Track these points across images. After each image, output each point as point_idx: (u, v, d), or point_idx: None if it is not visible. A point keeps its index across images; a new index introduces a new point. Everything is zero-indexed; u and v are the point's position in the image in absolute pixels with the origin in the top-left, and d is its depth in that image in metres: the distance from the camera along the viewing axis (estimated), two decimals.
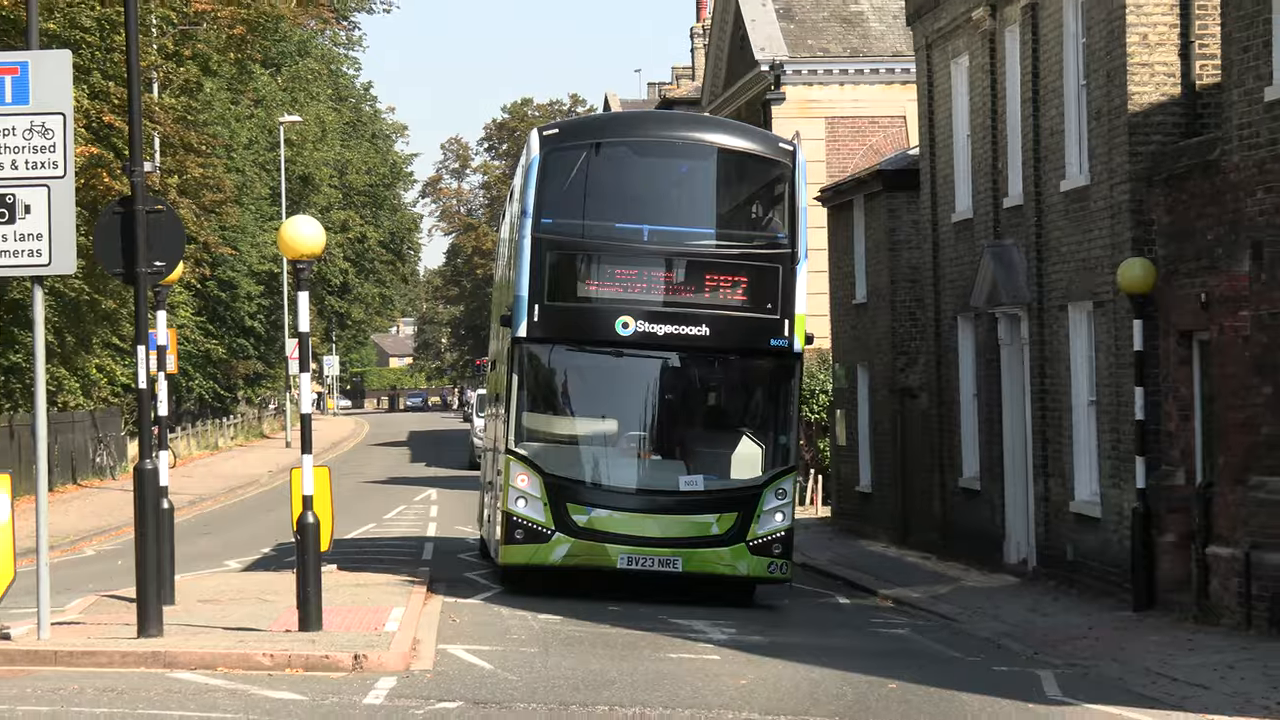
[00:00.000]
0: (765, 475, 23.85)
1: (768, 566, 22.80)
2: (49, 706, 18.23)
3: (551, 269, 23.22)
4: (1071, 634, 26.18)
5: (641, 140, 24.94)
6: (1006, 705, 19.47)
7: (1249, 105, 26.37)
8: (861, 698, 19.88)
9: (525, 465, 22.72)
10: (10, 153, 21.82)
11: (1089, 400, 33.06)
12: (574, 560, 22.55)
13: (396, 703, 18.73)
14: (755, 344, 24.02)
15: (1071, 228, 33.40)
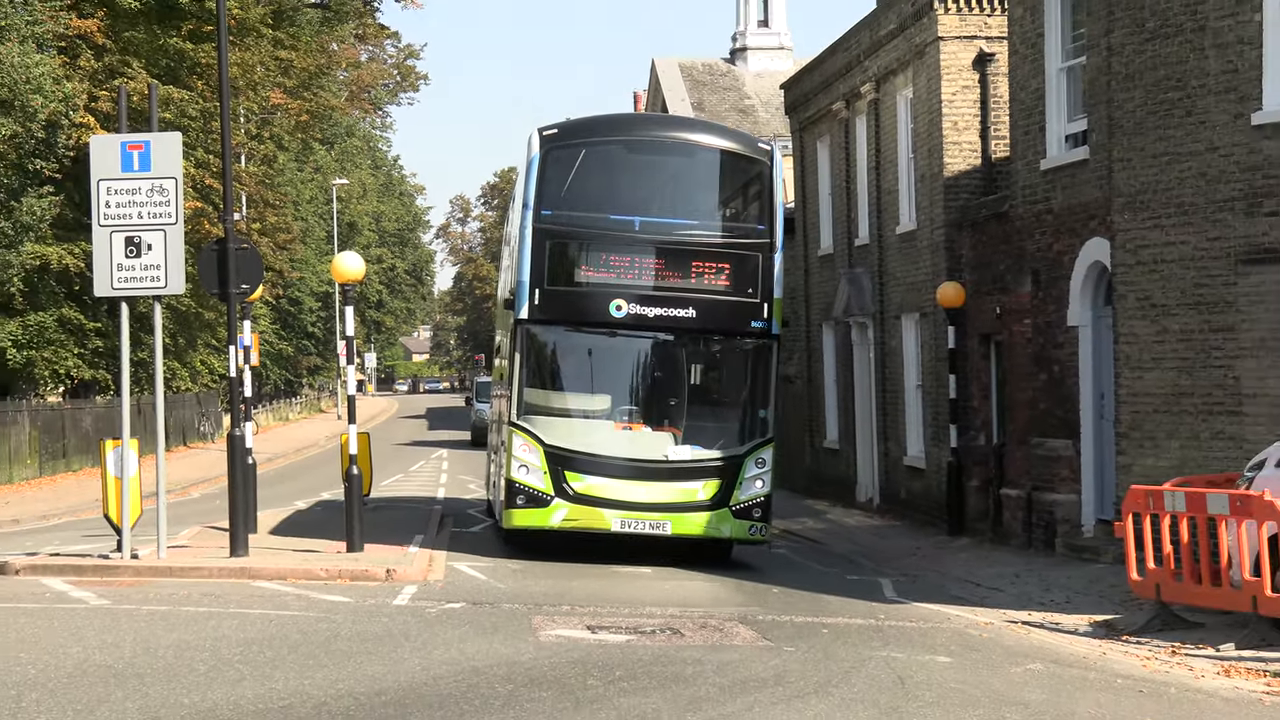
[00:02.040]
0: (746, 446, 21.14)
1: (748, 529, 20.67)
2: (166, 606, 18.28)
3: (550, 256, 20.87)
4: (904, 552, 26.32)
5: (633, 139, 22.17)
6: (858, 603, 19.64)
7: (1029, 172, 26.46)
8: (753, 597, 20.14)
9: (527, 436, 20.50)
10: (138, 206, 21.90)
11: (916, 384, 33.29)
12: (571, 524, 20.45)
13: (417, 603, 18.86)
14: (737, 325, 21.38)
15: (903, 260, 33.56)
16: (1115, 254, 21.28)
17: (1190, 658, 15.33)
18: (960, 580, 22.48)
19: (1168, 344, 20.11)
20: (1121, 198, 20.88)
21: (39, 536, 28.41)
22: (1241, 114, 19.10)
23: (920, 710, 12.70)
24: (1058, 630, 17.40)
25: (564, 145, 21.06)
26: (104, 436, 26.21)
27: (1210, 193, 19.52)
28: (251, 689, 13.00)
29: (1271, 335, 18.91)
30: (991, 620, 18.27)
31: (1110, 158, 21.63)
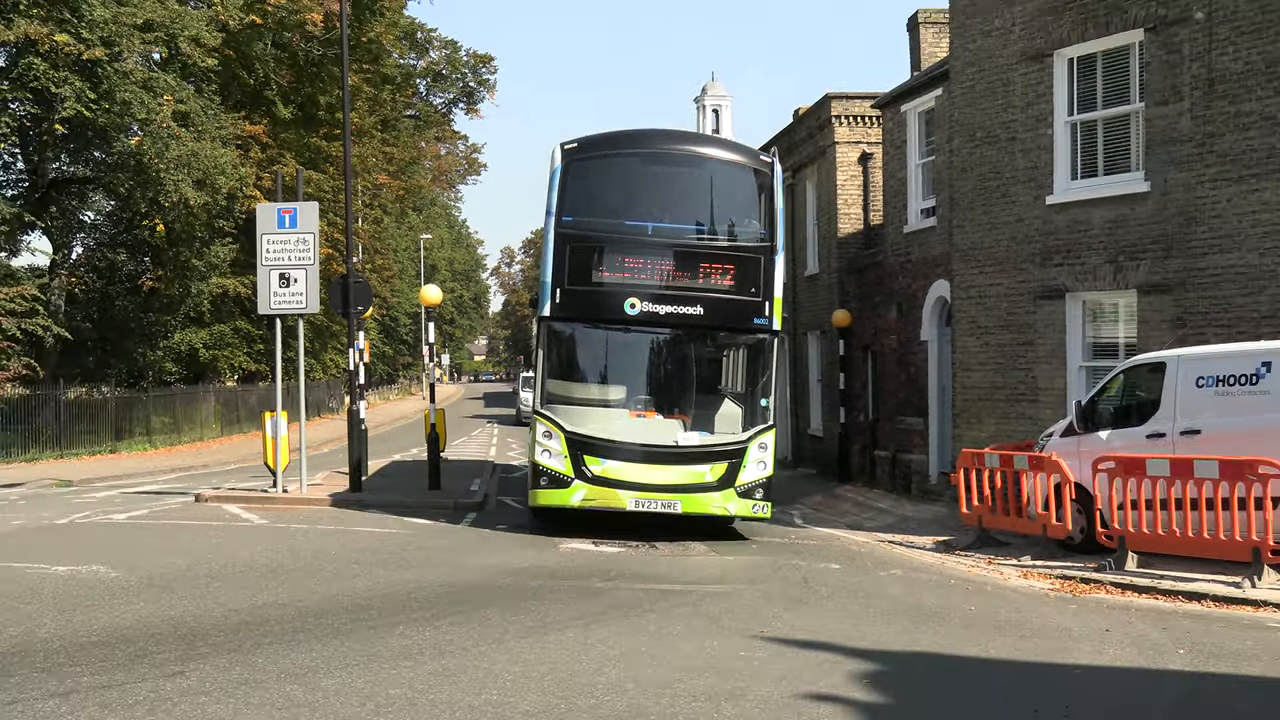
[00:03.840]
0: (750, 432, 17.72)
1: (752, 507, 17.42)
2: (305, 525, 18.29)
3: (571, 259, 17.67)
4: (809, 495, 26.27)
5: (647, 151, 18.68)
6: (777, 528, 19.60)
7: (895, 235, 26.54)
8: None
9: (549, 423, 17.35)
10: (288, 252, 22.02)
11: (818, 379, 33.25)
12: (590, 503, 17.28)
13: (477, 526, 18.91)
14: (741, 322, 17.90)
15: (810, 294, 33.57)
16: (953, 291, 21.41)
17: (1001, 566, 15.48)
18: (847, 513, 22.54)
19: (988, 353, 20.24)
20: (958, 253, 21.00)
21: (219, 477, 28.50)
22: (1039, 197, 19.22)
23: (818, 599, 12.82)
24: (912, 547, 17.54)
25: (583, 158, 17.93)
26: (264, 410, 26.29)
27: (1017, 250, 19.64)
28: (364, 582, 13.14)
29: (1056, 349, 19.05)
30: (867, 540, 18.42)
31: (950, 225, 21.76)
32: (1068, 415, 16.78)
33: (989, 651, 10.17)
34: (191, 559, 14.89)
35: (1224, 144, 16.75)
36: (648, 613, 11.67)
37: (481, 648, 9.72)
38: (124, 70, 34.16)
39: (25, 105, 34.35)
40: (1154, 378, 15.33)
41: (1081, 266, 18.72)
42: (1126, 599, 13.16)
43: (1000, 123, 19.96)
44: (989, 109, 20.20)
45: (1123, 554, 14.45)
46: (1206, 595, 12.93)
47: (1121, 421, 15.57)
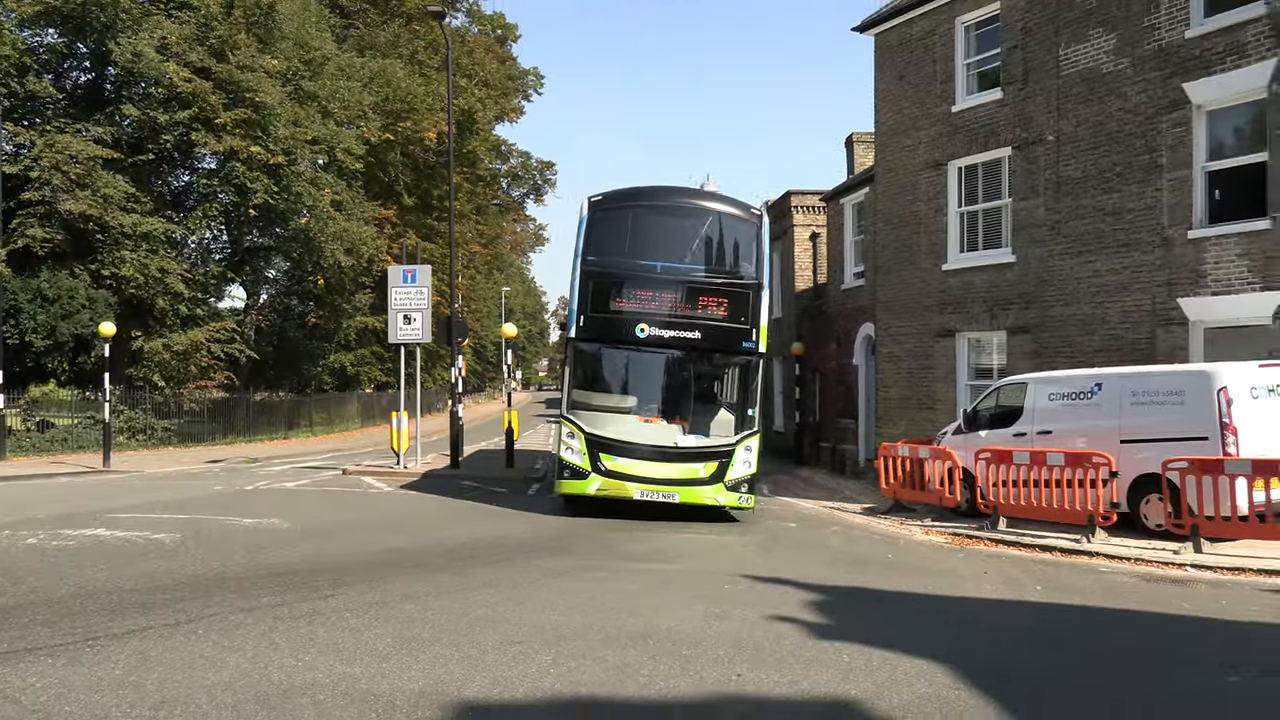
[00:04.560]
0: (738, 436, 15.75)
1: (738, 499, 15.59)
2: (419, 492, 18.09)
3: (594, 291, 15.82)
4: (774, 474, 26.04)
5: (659, 204, 16.78)
6: None
7: (836, 290, 26.42)
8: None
9: (572, 425, 15.57)
10: (409, 299, 22.00)
11: (780, 391, 33.08)
12: (603, 492, 15.38)
13: (541, 494, 18.77)
14: (732, 345, 15.88)
15: (775, 331, 33.01)
16: (876, 331, 21.29)
17: (910, 526, 15.30)
18: (800, 487, 22.34)
19: (900, 375, 20.10)
20: (880, 304, 20.89)
21: (359, 456, 28.52)
22: (937, 264, 19.14)
23: (783, 548, 12.72)
24: (847, 512, 17.34)
25: (606, 208, 16.09)
26: (391, 409, 26.29)
27: (922, 302, 19.53)
28: (456, 532, 13.08)
29: (949, 372, 18.92)
30: (815, 507, 18.24)
31: (874, 285, 21.65)
32: (958, 419, 16.67)
33: (903, 586, 10.08)
34: (340, 515, 14.91)
35: (1068, 228, 16.67)
36: (657, 559, 11.61)
37: (542, 581, 9.68)
38: (297, 171, 34.42)
39: (229, 195, 34.60)
40: (1018, 393, 15.22)
41: (967, 314, 18.61)
42: (999, 550, 13.03)
43: (910, 212, 19.89)
44: (902, 202, 20.12)
45: (996, 518, 14.31)
46: (1056, 548, 12.78)
47: (996, 424, 15.43)
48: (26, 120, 31.12)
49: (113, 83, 33.02)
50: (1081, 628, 8.67)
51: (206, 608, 8.04)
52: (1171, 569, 11.47)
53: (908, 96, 19.98)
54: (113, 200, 29.80)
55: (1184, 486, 12.29)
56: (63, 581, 9.05)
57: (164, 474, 22.62)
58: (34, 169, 28.92)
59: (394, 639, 7.20)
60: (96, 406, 29.41)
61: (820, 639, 7.58)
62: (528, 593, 9.11)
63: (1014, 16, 17.73)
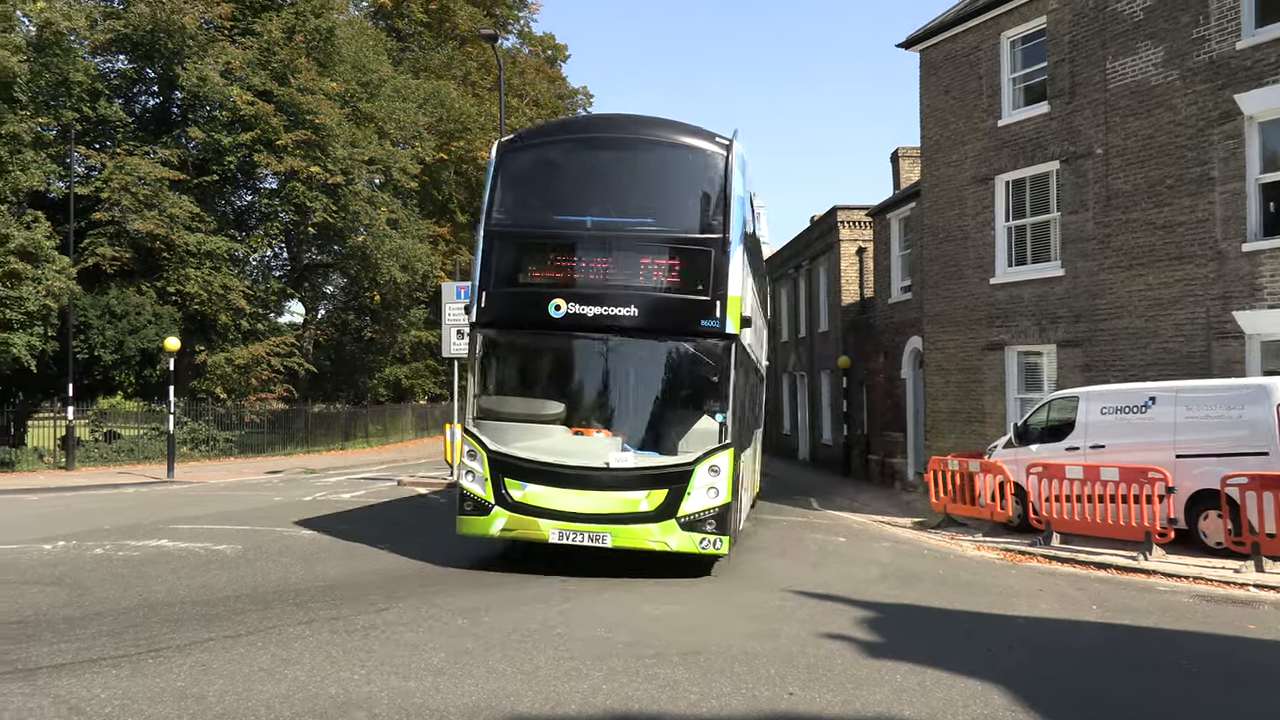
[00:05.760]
0: (698, 452, 10.78)
1: (699, 542, 10.69)
2: None
3: (498, 259, 11.24)
4: (822, 486, 25.84)
5: (583, 137, 12.12)
6: (799, 510, 19.17)
7: (883, 304, 26.12)
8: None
9: (474, 442, 10.98)
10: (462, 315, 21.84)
11: (828, 404, 32.75)
12: (510, 533, 10.85)
13: None
14: (686, 325, 10.91)
15: (822, 344, 33.09)
16: (924, 344, 20.97)
17: (961, 541, 15.00)
18: (849, 500, 22.03)
19: (949, 388, 19.77)
20: (927, 318, 20.58)
21: (414, 467, 28.63)
22: (985, 278, 18.80)
23: (832, 563, 12.50)
24: (896, 526, 17.08)
25: (518, 150, 11.68)
26: (445, 421, 26.38)
27: (969, 316, 19.20)
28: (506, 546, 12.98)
29: (998, 385, 18.55)
30: (864, 520, 17.96)
31: (921, 299, 21.35)
32: (1008, 433, 16.33)
33: (956, 603, 9.83)
34: (397, 525, 14.92)
35: (1117, 242, 16.28)
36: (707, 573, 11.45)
37: (594, 596, 9.58)
38: (355, 190, 34.84)
39: (289, 214, 35.14)
40: (1070, 407, 14.87)
41: (1016, 327, 18.25)
42: (1053, 567, 12.70)
43: (957, 226, 19.57)
44: (949, 216, 19.82)
45: (1049, 534, 13.97)
46: (1111, 565, 12.43)
47: (1047, 438, 15.08)
48: (98, 144, 31.85)
49: (179, 106, 33.71)
50: (1141, 648, 8.38)
51: (265, 620, 8.05)
52: (1233, 589, 11.08)
53: (953, 111, 19.70)
54: (178, 220, 30.37)
55: (1244, 503, 11.89)
56: (127, 592, 9.14)
57: (225, 485, 22.91)
58: (104, 190, 29.58)
59: (447, 653, 7.14)
60: (161, 418, 29.93)
61: (872, 657, 7.39)
62: (579, 604, 9.01)
63: (1060, 31, 17.42)
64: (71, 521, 14.66)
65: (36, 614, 8.16)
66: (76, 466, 26.74)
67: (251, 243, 35.04)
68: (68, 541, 12.39)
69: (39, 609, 8.35)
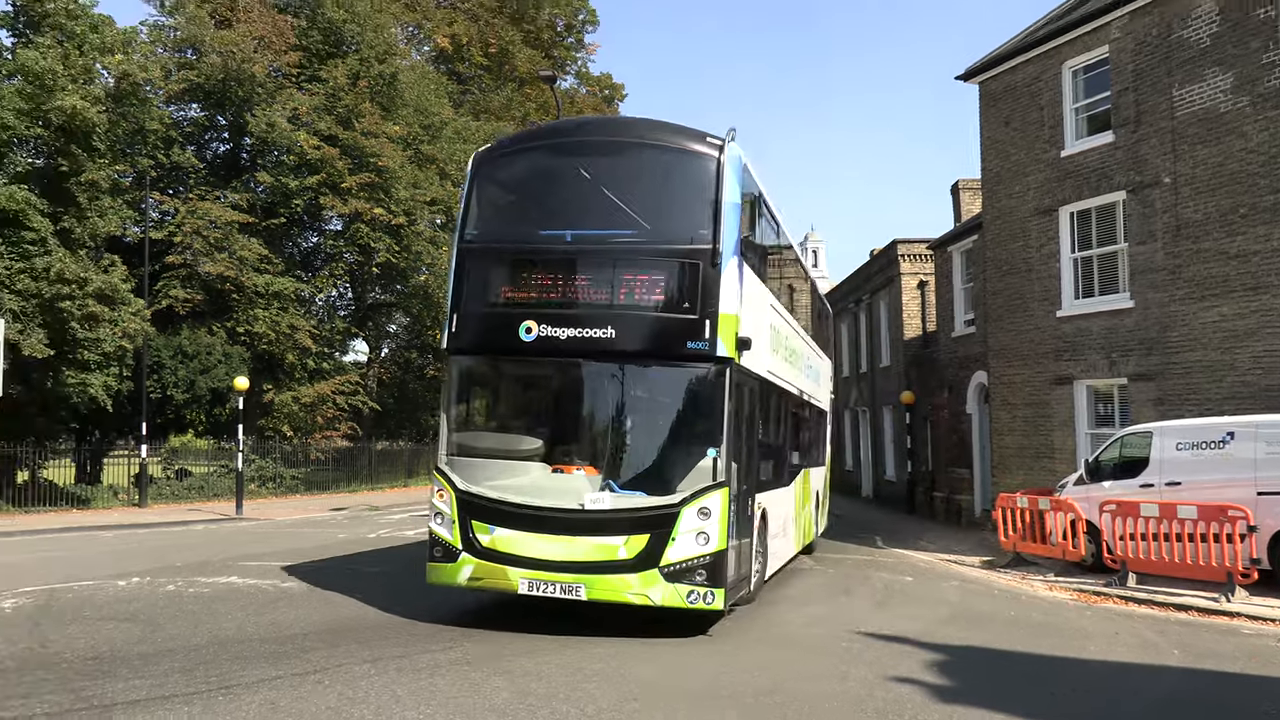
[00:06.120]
0: (685, 493, 9.21)
1: (687, 595, 9.09)
2: None
3: (469, 279, 10.13)
4: (886, 524, 25.43)
5: (558, 142, 10.75)
6: (863, 548, 18.89)
7: (946, 338, 25.77)
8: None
9: (443, 480, 9.87)
10: None
11: (891, 440, 32.37)
12: (478, 582, 9.63)
13: None
14: (670, 348, 9.51)
15: (884, 379, 32.77)
16: (989, 379, 20.61)
17: (1032, 580, 14.61)
18: (914, 538, 21.60)
19: (1016, 423, 19.38)
20: (992, 352, 20.24)
21: None
22: (1051, 311, 18.46)
23: (899, 602, 12.26)
24: (964, 565, 16.71)
25: (493, 159, 10.57)
26: None
27: (1036, 349, 18.85)
28: None
29: (1067, 420, 18.14)
30: (930, 559, 17.60)
31: (985, 332, 21.02)
32: (1078, 469, 15.95)
33: (1028, 646, 9.56)
34: None
35: (1189, 272, 15.90)
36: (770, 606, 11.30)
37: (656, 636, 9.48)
38: (417, 231, 35.44)
39: (353, 255, 35.85)
40: (1144, 442, 14.47)
41: (1084, 361, 17.86)
42: (1129, 608, 12.30)
43: (1021, 258, 19.28)
44: (1012, 249, 19.54)
45: (1125, 574, 13.54)
46: (1192, 607, 12.00)
47: (1120, 475, 14.67)
48: (171, 189, 32.91)
49: (248, 152, 34.73)
50: (1226, 695, 8.06)
51: (332, 658, 8.11)
52: None
53: (1014, 142, 19.49)
54: (247, 262, 31.17)
55: None
56: (198, 629, 9.29)
57: (292, 521, 23.25)
58: (177, 234, 30.50)
59: (511, 693, 7.12)
60: (230, 456, 30.54)
61: (943, 702, 7.22)
62: (641, 648, 8.94)
63: (1124, 59, 17.17)
64: (144, 558, 14.98)
65: (112, 650, 8.33)
66: (149, 503, 27.36)
67: (317, 283, 35.80)
68: (141, 578, 12.65)
69: (114, 645, 8.53)
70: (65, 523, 21.83)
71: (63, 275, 23.29)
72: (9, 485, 24.74)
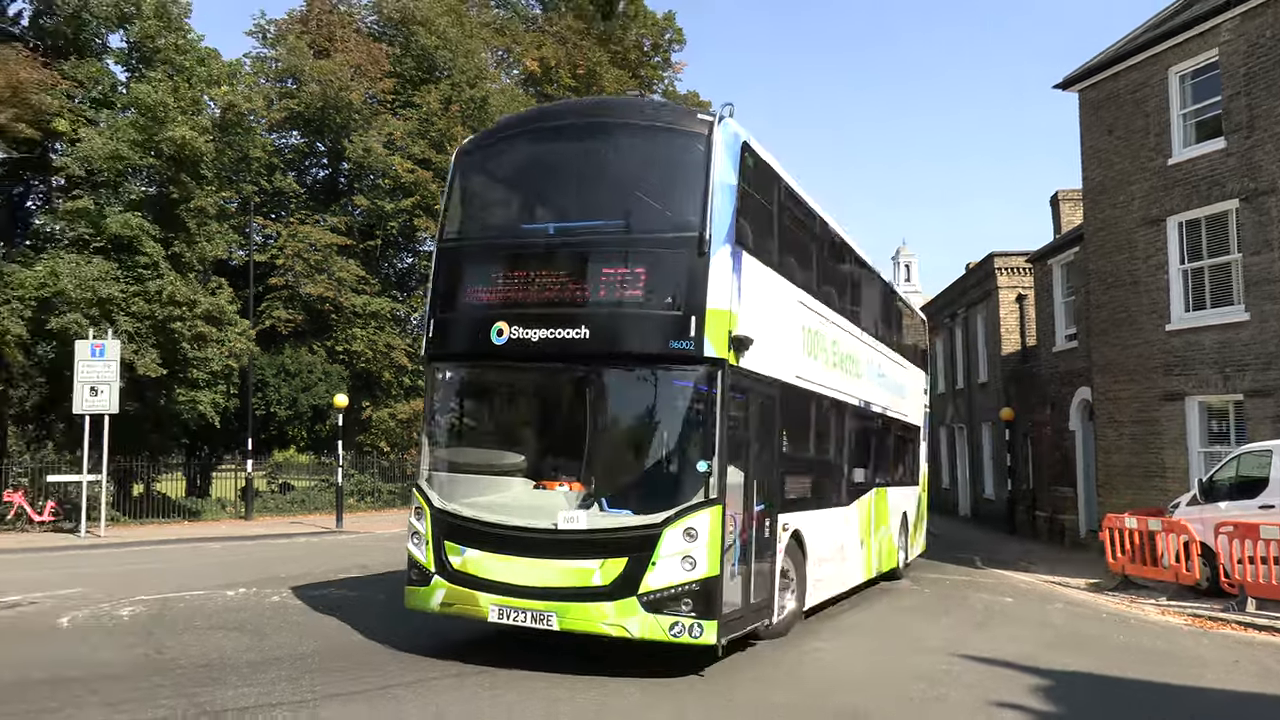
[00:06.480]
0: (668, 511, 7.82)
1: (669, 628, 7.71)
2: None
3: (447, 279, 9.28)
4: (985, 543, 24.73)
5: (533, 128, 9.69)
6: (962, 568, 18.47)
7: (1047, 353, 25.08)
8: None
9: (420, 497, 8.92)
10: None
11: (990, 457, 31.57)
12: (450, 608, 8.56)
13: None
14: (650, 347, 8.10)
15: (982, 396, 32.03)
16: (1094, 395, 19.96)
17: (1142, 605, 14.05)
18: (1015, 558, 20.90)
19: (1124, 441, 18.71)
20: (1097, 368, 19.60)
21: None
22: (1159, 325, 17.80)
23: (999, 624, 11.95)
24: (1069, 587, 16.15)
25: (473, 150, 9.69)
26: None
27: (1144, 365, 18.19)
28: None
29: (1178, 438, 17.42)
30: (1033, 580, 17.08)
31: (1089, 346, 20.38)
32: (1191, 489, 15.31)
33: (1139, 673, 9.21)
34: None
35: None
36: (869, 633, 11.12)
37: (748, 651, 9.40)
38: None
39: None
40: (1263, 461, 13.82)
41: (1196, 376, 17.17)
42: (1249, 635, 11.74)
43: (1126, 270, 18.66)
44: (1117, 261, 18.92)
45: (1244, 599, 12.94)
46: None
47: (1236, 495, 14.03)
48: (274, 214, 34.13)
49: (346, 177, 35.82)
50: None
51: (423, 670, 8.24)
52: None
53: (1118, 151, 18.91)
54: (346, 283, 32.12)
55: None
56: (303, 639, 9.55)
57: (390, 535, 23.72)
58: (279, 257, 31.62)
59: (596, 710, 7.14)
60: (330, 470, 31.38)
61: None
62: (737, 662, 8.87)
63: (1234, 63, 16.54)
64: (251, 569, 15.47)
65: (222, 658, 8.63)
66: (254, 516, 28.28)
67: (412, 303, 36.62)
68: (248, 588, 13.07)
69: (224, 653, 8.83)
70: (177, 534, 22.70)
71: (174, 298, 24.31)
72: (126, 498, 25.85)
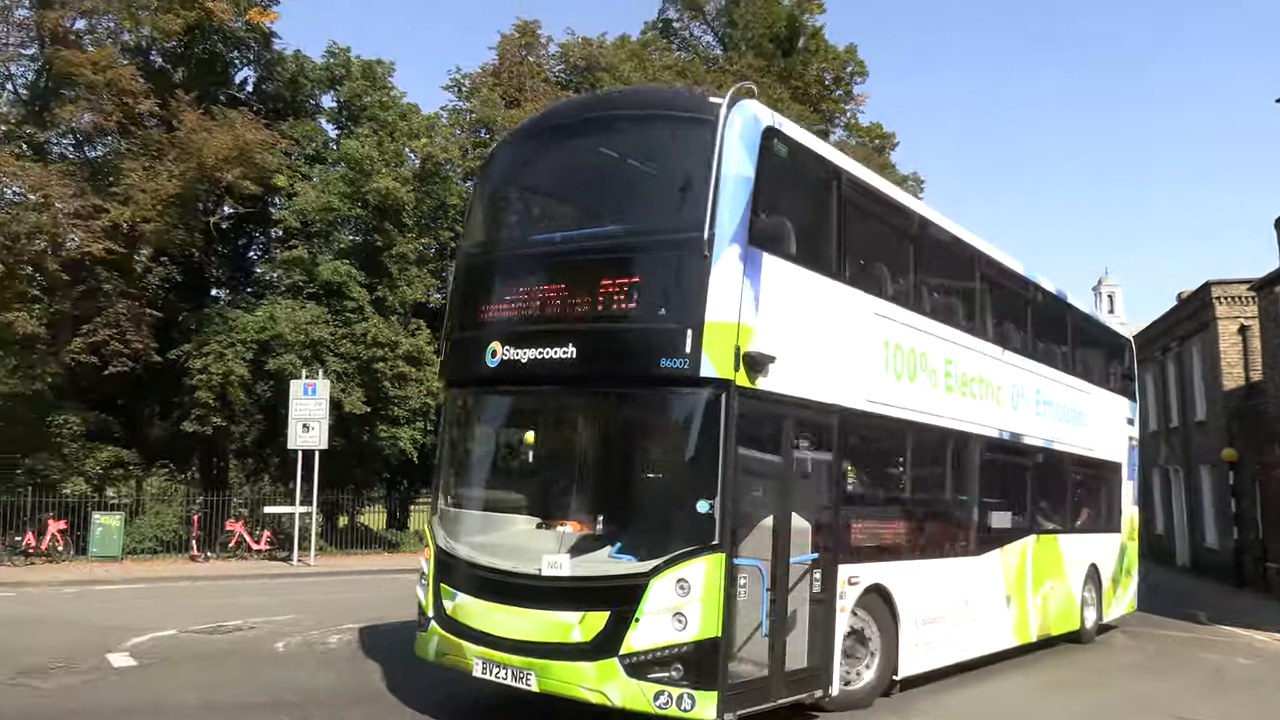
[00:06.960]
0: (659, 558, 6.38)
1: (654, 698, 6.20)
2: None
3: (459, 298, 8.39)
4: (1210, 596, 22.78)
5: (540, 127, 8.55)
6: (1184, 624, 17.00)
7: (1276, 388, 23.10)
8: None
9: (429, 534, 8.04)
10: None
11: (1211, 502, 29.17)
12: (444, 659, 7.47)
13: None
14: (638, 367, 6.66)
15: (1200, 435, 29.66)
16: None
17: None
18: (1245, 614, 19.09)
19: None
20: None
21: None
22: None
23: (1232, 686, 10.96)
24: None
25: (489, 161, 9.24)
26: None
27: None
28: None
29: None
30: (1267, 639, 15.56)
31: None
32: None
33: None
34: None
35: None
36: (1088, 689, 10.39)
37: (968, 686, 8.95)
38: None
39: None
40: None
41: None
42: None
43: None
44: None
45: None
46: None
47: None
48: None
49: None
50: None
51: None
52: None
53: None
54: None
55: None
56: None
57: None
58: None
59: None
60: None
61: None
62: None
63: None
64: None
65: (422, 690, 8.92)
66: None
67: None
68: None
69: None
70: (378, 565, 23.85)
71: (377, 339, 25.82)
72: (333, 529, 27.47)
